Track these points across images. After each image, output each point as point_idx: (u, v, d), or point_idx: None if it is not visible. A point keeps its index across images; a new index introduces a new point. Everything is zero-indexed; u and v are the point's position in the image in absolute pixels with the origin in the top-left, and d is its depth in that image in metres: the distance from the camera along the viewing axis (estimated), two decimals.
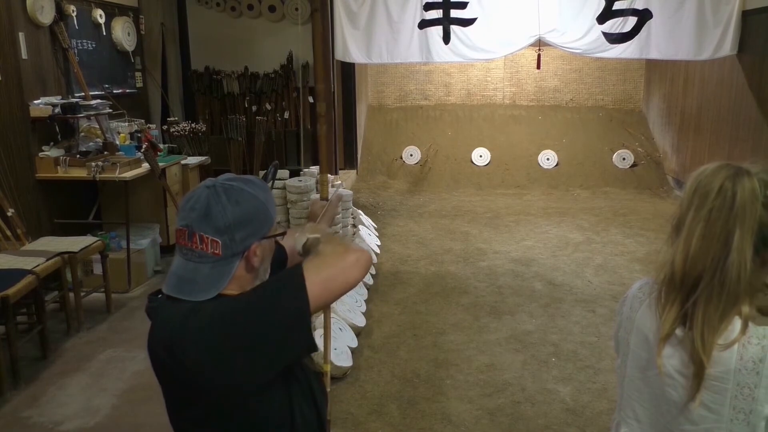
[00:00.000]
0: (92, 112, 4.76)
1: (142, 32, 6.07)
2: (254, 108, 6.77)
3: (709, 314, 1.13)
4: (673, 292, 1.19)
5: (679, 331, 1.18)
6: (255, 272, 1.25)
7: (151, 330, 1.22)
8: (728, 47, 5.91)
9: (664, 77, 8.28)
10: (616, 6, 6.00)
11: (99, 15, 5.31)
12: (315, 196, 5.28)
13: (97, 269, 4.36)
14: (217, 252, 1.17)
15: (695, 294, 1.15)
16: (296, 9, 6.51)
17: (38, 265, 3.59)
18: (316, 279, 1.16)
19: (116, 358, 3.69)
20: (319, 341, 1.72)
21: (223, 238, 1.17)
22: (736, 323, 1.13)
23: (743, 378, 1.11)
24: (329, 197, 2.00)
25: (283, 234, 1.32)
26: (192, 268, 1.19)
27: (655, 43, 6.06)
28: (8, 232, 4.09)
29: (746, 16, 5.83)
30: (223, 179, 1.23)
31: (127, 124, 5.29)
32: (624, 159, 8.30)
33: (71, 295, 4.00)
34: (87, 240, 4.14)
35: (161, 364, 1.20)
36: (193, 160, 5.66)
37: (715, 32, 5.90)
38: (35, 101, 4.47)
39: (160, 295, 1.23)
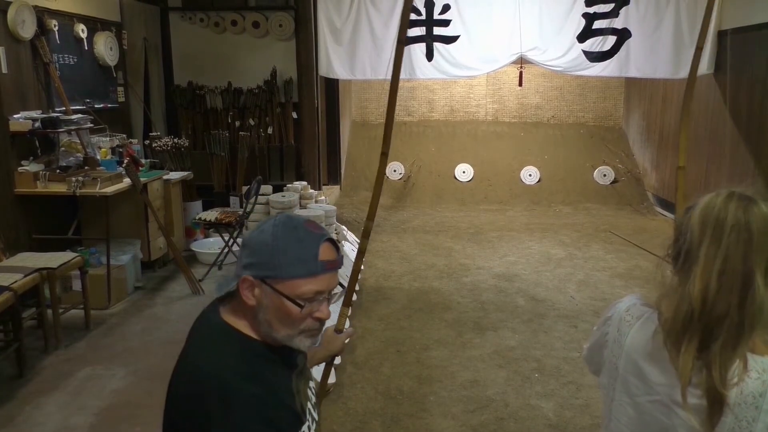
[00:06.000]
0: (73, 127, 4.71)
1: (125, 47, 6.05)
2: (237, 123, 6.75)
3: (727, 352, 1.10)
4: (689, 331, 1.13)
5: None
6: (253, 312, 1.18)
7: None
8: (705, 66, 6.04)
9: (644, 95, 8.42)
10: (596, 25, 6.11)
11: (81, 30, 5.29)
12: (298, 211, 5.27)
13: (77, 285, 4.30)
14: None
15: (719, 333, 1.10)
16: (280, 25, 6.53)
17: (16, 282, 3.53)
18: None
19: (95, 376, 3.62)
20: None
21: (240, 252, 1.26)
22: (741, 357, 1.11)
23: (742, 412, 1.08)
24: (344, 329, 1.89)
25: (300, 306, 1.15)
26: None
27: (634, 61, 6.17)
28: None
29: (722, 36, 5.97)
30: (293, 214, 1.33)
31: (108, 138, 5.24)
32: (605, 175, 8.40)
33: (49, 311, 3.93)
34: (66, 256, 4.08)
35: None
36: (175, 176, 5.63)
37: (692, 51, 6.01)
38: (15, 115, 4.42)
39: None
